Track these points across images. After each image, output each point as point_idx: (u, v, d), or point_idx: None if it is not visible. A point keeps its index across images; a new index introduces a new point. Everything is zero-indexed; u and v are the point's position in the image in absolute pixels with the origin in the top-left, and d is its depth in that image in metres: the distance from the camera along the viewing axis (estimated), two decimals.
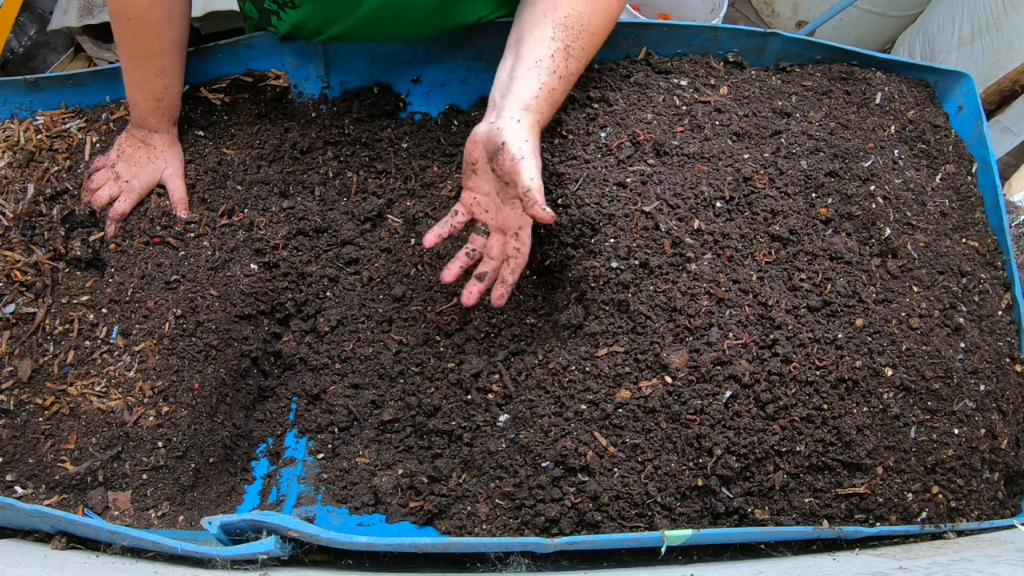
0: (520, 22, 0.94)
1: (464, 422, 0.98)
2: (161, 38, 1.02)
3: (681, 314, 0.90)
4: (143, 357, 1.01)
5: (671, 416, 0.88)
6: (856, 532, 0.87)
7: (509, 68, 0.92)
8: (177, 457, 0.98)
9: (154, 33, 1.01)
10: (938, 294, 0.98)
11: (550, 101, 0.90)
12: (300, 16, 1.07)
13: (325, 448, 1.04)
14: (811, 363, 0.88)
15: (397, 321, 1.08)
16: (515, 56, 0.92)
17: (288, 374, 1.09)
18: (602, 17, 0.93)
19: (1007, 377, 1.00)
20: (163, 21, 1.01)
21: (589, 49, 0.93)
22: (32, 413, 1.00)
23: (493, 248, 0.94)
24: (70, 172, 1.16)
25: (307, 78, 1.20)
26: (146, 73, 1.05)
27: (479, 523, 0.92)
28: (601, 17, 0.93)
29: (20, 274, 1.07)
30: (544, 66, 0.89)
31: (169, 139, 1.13)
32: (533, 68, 0.89)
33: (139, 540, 0.77)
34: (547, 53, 0.90)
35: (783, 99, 1.10)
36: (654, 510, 0.86)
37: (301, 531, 0.76)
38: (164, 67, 1.05)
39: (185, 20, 1.05)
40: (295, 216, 1.13)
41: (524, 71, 0.89)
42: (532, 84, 0.89)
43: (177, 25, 1.03)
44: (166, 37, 1.02)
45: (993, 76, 1.72)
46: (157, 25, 1.00)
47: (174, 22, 1.02)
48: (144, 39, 1.02)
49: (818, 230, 0.96)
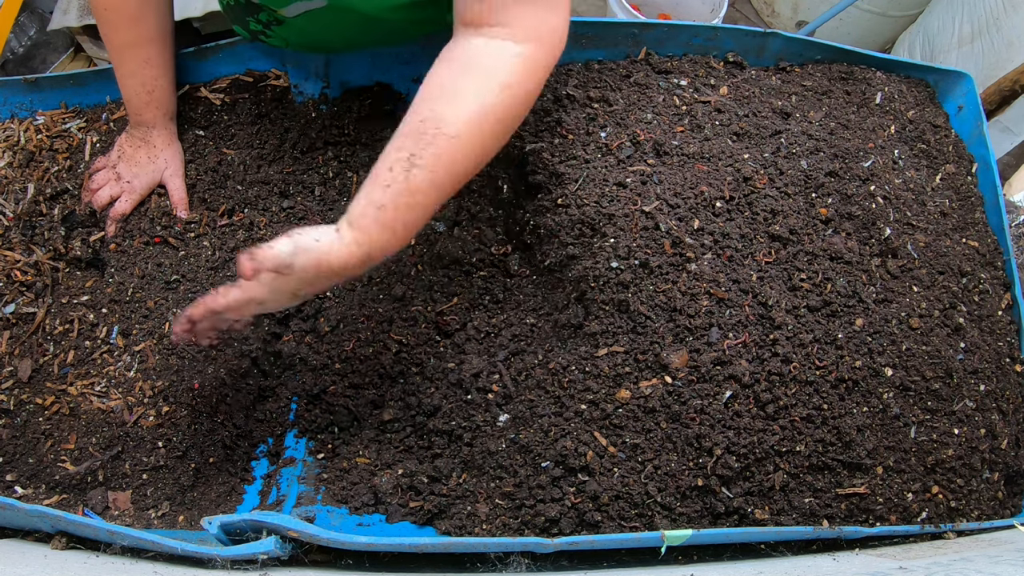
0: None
1: (464, 422, 0.98)
2: (140, 26, 1.03)
3: (681, 314, 0.90)
4: (143, 357, 1.01)
5: (671, 416, 0.88)
6: (856, 532, 0.87)
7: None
8: (177, 457, 0.98)
9: (132, 22, 1.03)
10: (938, 294, 0.98)
11: (379, 221, 0.74)
12: (287, 32, 1.08)
13: (325, 448, 1.04)
14: (811, 363, 0.88)
15: (397, 321, 1.08)
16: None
17: (288, 374, 1.09)
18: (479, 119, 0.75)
19: (1007, 377, 1.00)
20: (140, 9, 1.02)
21: (448, 159, 0.75)
22: (32, 413, 1.00)
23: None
24: (70, 172, 1.16)
25: (307, 78, 1.20)
26: (132, 65, 1.06)
27: (479, 523, 0.92)
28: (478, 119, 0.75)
29: (20, 274, 1.07)
30: (376, 176, 0.75)
31: (168, 137, 1.13)
32: (368, 180, 0.76)
33: (139, 540, 0.77)
34: (386, 163, 0.75)
35: (783, 99, 1.10)
36: (654, 510, 0.86)
37: (301, 531, 0.76)
38: (150, 57, 1.06)
39: (164, 10, 1.06)
40: (295, 216, 1.13)
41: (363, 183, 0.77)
42: (359, 198, 0.75)
43: (155, 14, 1.04)
44: (146, 25, 1.04)
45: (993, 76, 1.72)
46: (134, 13, 1.02)
47: (151, 10, 1.04)
48: (124, 29, 1.03)
49: (818, 230, 0.96)
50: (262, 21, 1.07)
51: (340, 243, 0.75)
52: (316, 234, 0.75)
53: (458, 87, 0.76)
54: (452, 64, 0.79)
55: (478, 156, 0.78)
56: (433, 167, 0.74)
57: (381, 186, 0.74)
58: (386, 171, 0.75)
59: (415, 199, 0.75)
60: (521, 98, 0.79)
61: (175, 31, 1.10)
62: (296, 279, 0.76)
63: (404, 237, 0.77)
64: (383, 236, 0.75)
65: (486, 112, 0.76)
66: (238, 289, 0.77)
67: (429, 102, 0.76)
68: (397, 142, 0.76)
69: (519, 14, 0.78)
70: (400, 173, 0.74)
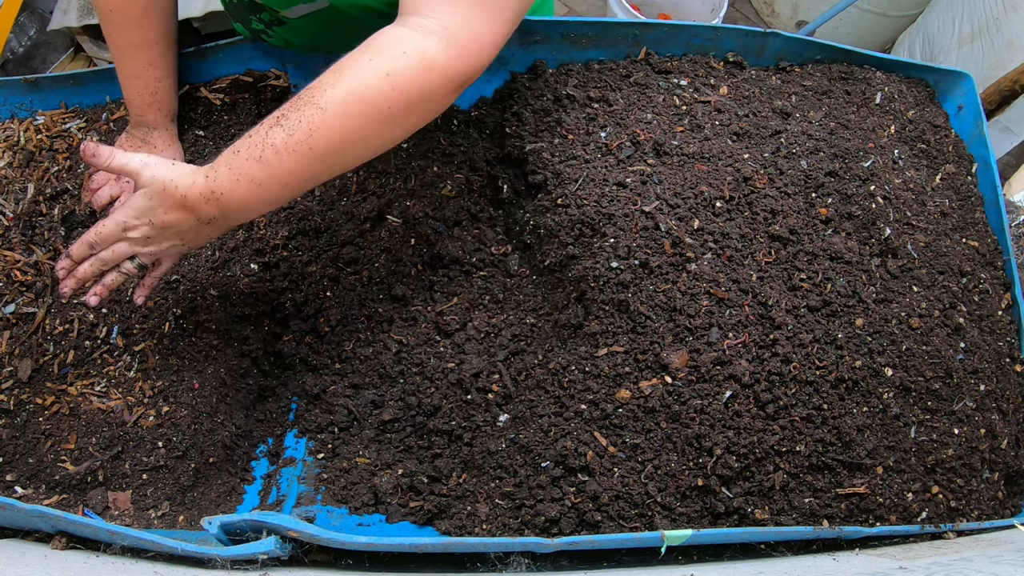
0: None
1: (464, 422, 0.98)
2: (145, 29, 1.03)
3: (681, 314, 0.90)
4: (143, 357, 1.01)
5: (671, 416, 0.88)
6: (856, 532, 0.87)
7: None
8: (177, 457, 0.98)
9: (136, 24, 1.02)
10: (938, 294, 0.98)
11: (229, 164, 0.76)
12: (289, 33, 1.08)
13: (325, 448, 1.04)
14: (811, 363, 0.88)
15: (397, 321, 1.08)
16: None
17: (288, 374, 1.09)
18: (353, 100, 0.74)
19: (1007, 377, 1.00)
20: (145, 12, 1.02)
21: (310, 128, 0.74)
22: (32, 413, 1.00)
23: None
24: (70, 172, 1.16)
25: (307, 78, 1.20)
26: (136, 67, 1.06)
27: (479, 523, 0.92)
28: (352, 100, 0.74)
29: (20, 274, 1.07)
30: (250, 130, 0.78)
31: (169, 137, 1.13)
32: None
33: (139, 540, 0.77)
34: (262, 120, 0.78)
35: (783, 99, 1.10)
36: (654, 510, 0.86)
37: (301, 531, 0.76)
38: (153, 59, 1.06)
39: (169, 12, 1.06)
40: (295, 216, 1.13)
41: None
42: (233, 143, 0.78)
43: (160, 16, 1.04)
44: (150, 28, 1.03)
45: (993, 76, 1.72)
46: (139, 16, 1.02)
47: (156, 13, 1.03)
48: (128, 31, 1.03)
49: (818, 230, 0.96)
50: (264, 21, 1.07)
51: (191, 172, 0.77)
52: (177, 163, 0.79)
53: (346, 64, 0.75)
54: (363, 45, 0.77)
55: (344, 138, 0.75)
56: (293, 131, 0.74)
57: (246, 135, 0.77)
58: (258, 125, 0.77)
59: (266, 154, 0.75)
60: (401, 93, 0.74)
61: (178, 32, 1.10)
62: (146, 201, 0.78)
63: (247, 194, 0.76)
64: (228, 181, 0.76)
65: (358, 94, 0.74)
66: (109, 218, 0.80)
67: (324, 74, 0.76)
68: (283, 105, 0.77)
69: (447, 9, 0.75)
70: (264, 127, 0.76)
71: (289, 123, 0.75)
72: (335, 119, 0.74)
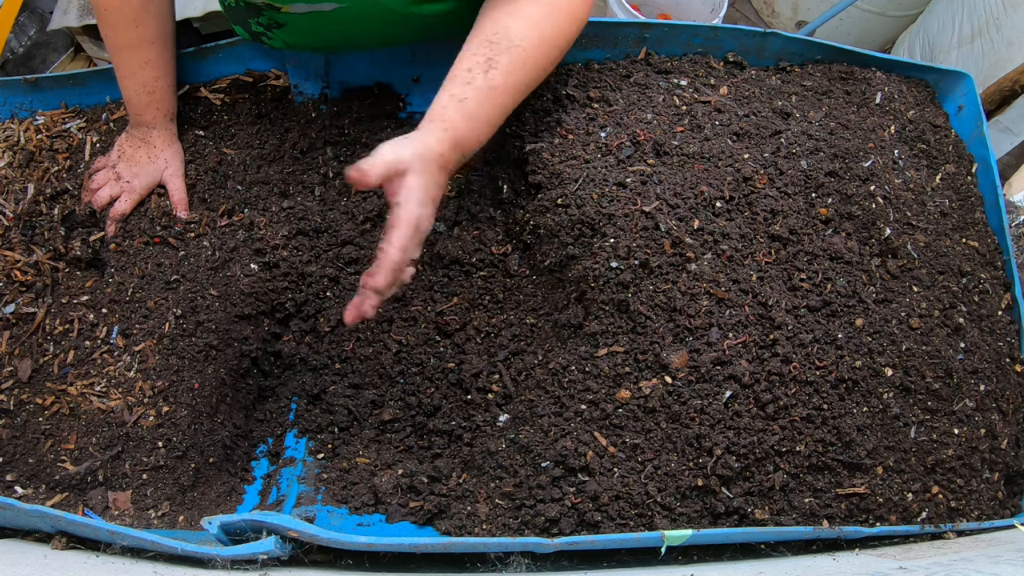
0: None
1: (464, 422, 0.98)
2: (140, 28, 1.03)
3: (681, 314, 0.90)
4: (143, 357, 1.01)
5: (671, 416, 0.88)
6: (856, 532, 0.87)
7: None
8: (177, 457, 0.98)
9: (132, 23, 1.03)
10: (938, 294, 0.98)
11: (462, 112, 0.86)
12: (288, 34, 1.08)
13: (325, 448, 1.04)
14: (811, 363, 0.88)
15: (397, 321, 1.08)
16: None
17: (288, 374, 1.09)
18: (537, 34, 0.89)
19: (1007, 377, 1.00)
20: (140, 11, 1.02)
21: (519, 64, 0.88)
22: (32, 413, 1.00)
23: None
24: (70, 172, 1.16)
25: (307, 78, 1.20)
26: (133, 66, 1.06)
27: (479, 523, 0.92)
28: (536, 34, 0.89)
29: (20, 274, 1.07)
30: (455, 77, 0.87)
31: (168, 137, 1.13)
32: (446, 83, 0.87)
33: (139, 540, 0.77)
34: (463, 67, 0.88)
35: (783, 99, 1.10)
36: (654, 510, 0.86)
37: (301, 531, 0.76)
38: (150, 59, 1.06)
39: (165, 11, 1.06)
40: (295, 216, 1.13)
41: (440, 89, 0.87)
42: (440, 96, 0.87)
43: (156, 16, 1.05)
44: (146, 27, 1.04)
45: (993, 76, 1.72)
46: (134, 15, 1.02)
47: (152, 12, 1.04)
48: (123, 30, 1.03)
49: (818, 230, 0.96)
50: (263, 23, 1.07)
51: (428, 133, 0.84)
52: (399, 139, 0.83)
53: (517, 8, 0.89)
54: None
55: (539, 67, 0.91)
56: (508, 70, 0.87)
57: (461, 84, 0.86)
58: (464, 71, 0.87)
59: (493, 95, 0.87)
60: (565, 18, 0.91)
61: (175, 31, 1.10)
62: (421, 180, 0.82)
63: (483, 129, 0.88)
64: (468, 124, 0.86)
65: (542, 30, 0.89)
66: (394, 228, 0.81)
67: (493, 22, 0.89)
68: (471, 50, 0.88)
69: None
70: (479, 73, 0.86)
71: (501, 64, 0.87)
72: (534, 53, 0.89)
